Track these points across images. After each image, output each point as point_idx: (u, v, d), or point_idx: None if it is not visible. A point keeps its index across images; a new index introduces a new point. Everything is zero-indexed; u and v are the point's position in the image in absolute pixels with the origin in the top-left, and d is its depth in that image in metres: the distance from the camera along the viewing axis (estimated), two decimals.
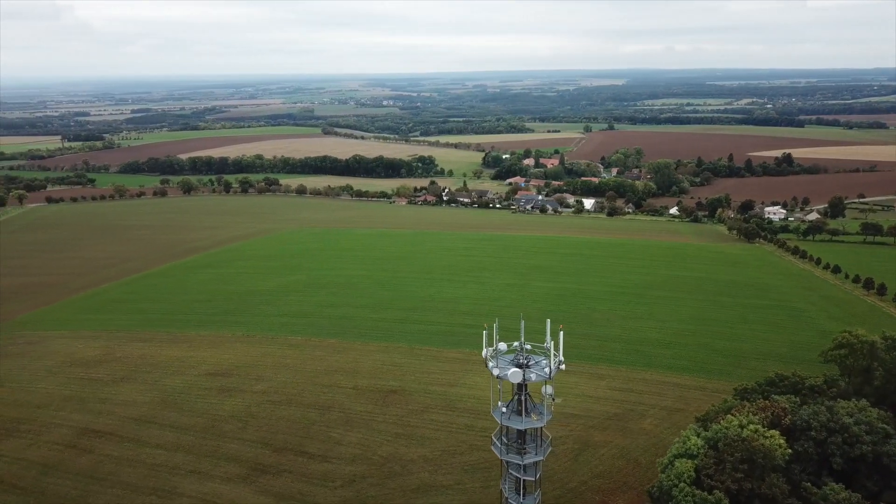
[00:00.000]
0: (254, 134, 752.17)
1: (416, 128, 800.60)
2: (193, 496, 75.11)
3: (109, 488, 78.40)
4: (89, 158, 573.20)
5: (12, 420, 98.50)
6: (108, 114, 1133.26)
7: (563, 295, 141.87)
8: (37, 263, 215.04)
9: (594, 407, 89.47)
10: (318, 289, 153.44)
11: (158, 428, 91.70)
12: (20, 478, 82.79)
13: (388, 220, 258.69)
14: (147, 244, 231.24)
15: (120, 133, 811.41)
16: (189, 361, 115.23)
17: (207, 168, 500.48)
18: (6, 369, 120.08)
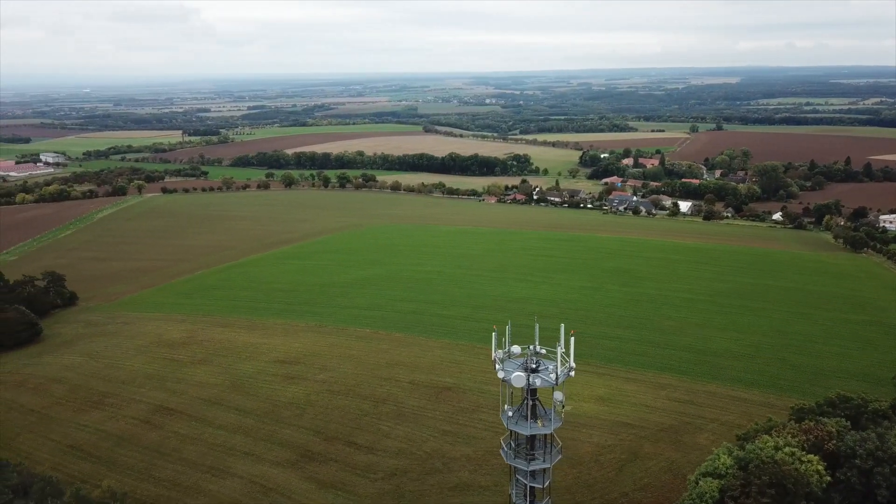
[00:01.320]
0: (357, 131, 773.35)
1: (515, 126, 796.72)
2: (244, 477, 78.66)
3: (171, 463, 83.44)
4: (205, 152, 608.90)
5: (100, 393, 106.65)
6: (227, 110, 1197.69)
7: (638, 300, 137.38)
8: (146, 249, 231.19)
9: (649, 417, 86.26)
10: (393, 283, 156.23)
11: (223, 410, 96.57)
12: (97, 447, 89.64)
13: (473, 218, 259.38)
14: (244, 234, 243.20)
15: (235, 128, 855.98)
16: (262, 348, 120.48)
17: (311, 163, 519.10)
18: (102, 346, 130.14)
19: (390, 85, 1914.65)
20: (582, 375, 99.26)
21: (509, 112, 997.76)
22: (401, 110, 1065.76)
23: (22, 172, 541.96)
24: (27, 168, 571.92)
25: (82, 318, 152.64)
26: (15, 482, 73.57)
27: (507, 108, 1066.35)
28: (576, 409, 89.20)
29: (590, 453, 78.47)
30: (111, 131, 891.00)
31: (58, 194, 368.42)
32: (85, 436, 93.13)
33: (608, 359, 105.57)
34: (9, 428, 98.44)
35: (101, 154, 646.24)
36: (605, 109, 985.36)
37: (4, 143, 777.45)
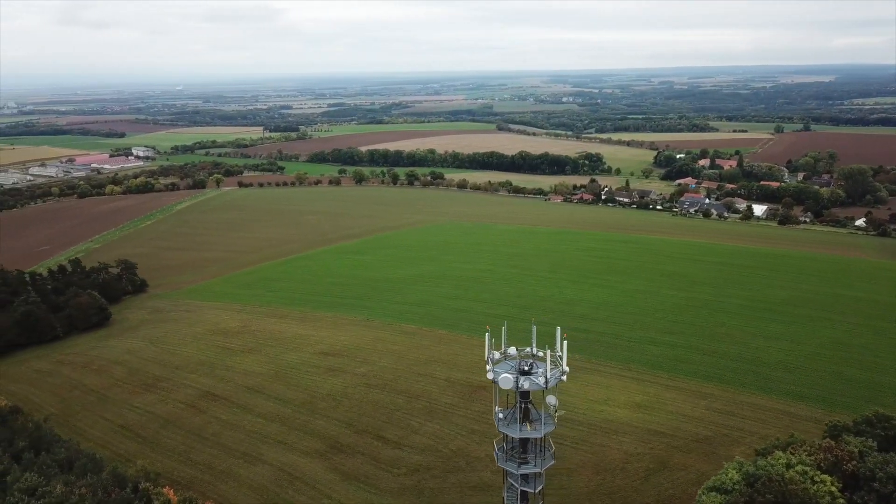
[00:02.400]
0: (431, 129, 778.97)
1: (591, 125, 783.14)
2: (273, 465, 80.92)
3: (208, 448, 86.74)
4: (283, 148, 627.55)
5: (154, 377, 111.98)
6: (308, 108, 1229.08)
7: (693, 306, 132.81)
8: (217, 240, 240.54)
9: (684, 426, 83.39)
10: (444, 280, 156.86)
11: (264, 398, 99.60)
12: (144, 428, 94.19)
13: (535, 217, 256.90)
14: (311, 228, 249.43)
15: (314, 125, 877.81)
16: (309, 339, 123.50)
17: (384, 160, 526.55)
18: (163, 332, 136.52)
19: (467, 83, 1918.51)
20: (621, 381, 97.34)
21: (586, 110, 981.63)
22: (476, 108, 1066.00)
23: (114, 165, 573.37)
24: (119, 161, 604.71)
25: (149, 304, 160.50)
26: (62, 457, 78.19)
27: (583, 107, 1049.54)
28: (609, 414, 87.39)
29: (617, 460, 76.66)
30: (199, 127, 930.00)
31: (143, 186, 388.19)
32: (135, 417, 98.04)
33: (651, 364, 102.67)
34: (70, 405, 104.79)
35: (187, 149, 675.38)
36: (686, 109, 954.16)
37: (102, 137, 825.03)
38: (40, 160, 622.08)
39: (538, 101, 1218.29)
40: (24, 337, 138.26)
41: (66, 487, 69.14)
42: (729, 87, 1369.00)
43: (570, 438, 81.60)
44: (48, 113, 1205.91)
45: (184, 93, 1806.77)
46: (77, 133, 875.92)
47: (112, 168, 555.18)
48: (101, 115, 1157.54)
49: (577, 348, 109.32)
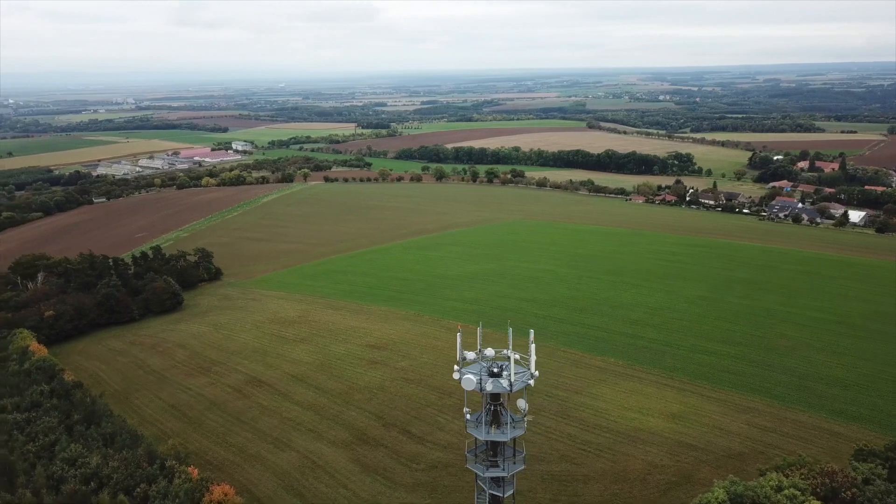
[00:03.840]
0: (520, 126, 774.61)
1: (687, 124, 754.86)
2: (300, 451, 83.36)
3: (245, 431, 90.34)
4: (372, 144, 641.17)
5: (210, 361, 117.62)
6: (402, 105, 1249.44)
7: (756, 315, 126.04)
8: (295, 233, 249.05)
9: (718, 441, 79.50)
10: (501, 279, 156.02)
11: (305, 387, 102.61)
12: (191, 409, 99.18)
13: (610, 218, 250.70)
14: (385, 223, 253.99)
15: (405, 122, 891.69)
16: (359, 332, 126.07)
17: (468, 158, 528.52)
18: (228, 318, 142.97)
19: (561, 80, 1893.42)
20: (660, 389, 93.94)
21: (682, 109, 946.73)
22: (568, 106, 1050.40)
23: (215, 159, 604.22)
24: (219, 155, 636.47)
25: (221, 291, 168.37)
26: (107, 432, 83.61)
27: (680, 105, 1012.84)
28: (640, 423, 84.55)
29: (639, 471, 74.10)
30: (296, 122, 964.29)
31: (235, 179, 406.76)
32: (185, 398, 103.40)
33: (695, 374, 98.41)
34: (132, 384, 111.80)
35: (282, 144, 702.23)
36: (791, 108, 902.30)
37: (207, 132, 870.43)
38: (149, 153, 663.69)
39: (633, 99, 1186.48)
40: (104, 317, 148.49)
41: (102, 460, 73.87)
42: (841, 85, 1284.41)
43: (594, 445, 79.61)
44: (162, 108, 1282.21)
45: (285, 89, 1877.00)
46: (185, 128, 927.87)
47: (212, 161, 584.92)
48: (209, 110, 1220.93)
49: (621, 354, 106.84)
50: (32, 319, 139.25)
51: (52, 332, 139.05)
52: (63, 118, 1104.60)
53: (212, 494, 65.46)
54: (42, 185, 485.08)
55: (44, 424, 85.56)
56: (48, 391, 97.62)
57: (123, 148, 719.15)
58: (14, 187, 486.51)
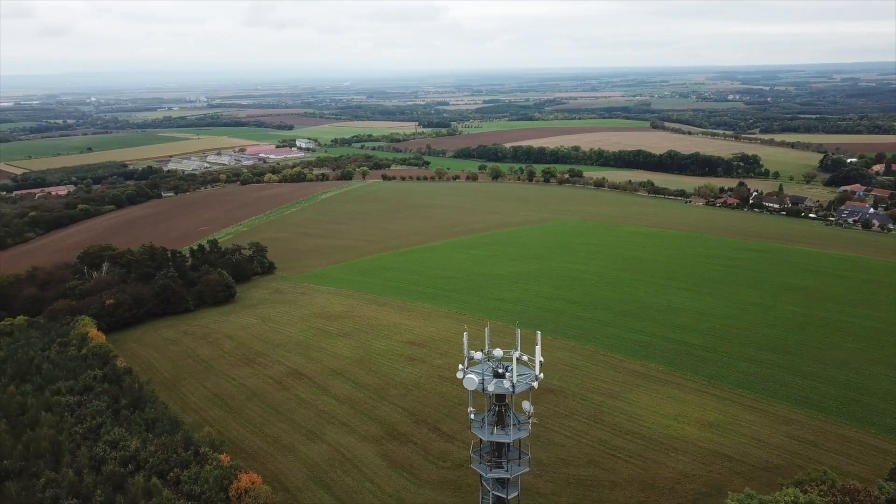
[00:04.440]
0: (581, 125, 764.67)
1: (756, 124, 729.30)
2: (330, 444, 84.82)
3: (281, 422, 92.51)
4: (432, 143, 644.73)
5: (255, 352, 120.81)
6: (464, 104, 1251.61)
7: (810, 324, 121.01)
8: (349, 229, 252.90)
9: (755, 452, 76.79)
10: (547, 280, 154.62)
11: (343, 381, 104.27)
12: (233, 398, 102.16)
13: (667, 220, 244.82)
14: (437, 221, 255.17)
15: (466, 121, 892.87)
16: (400, 328, 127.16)
17: (527, 157, 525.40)
18: (276, 312, 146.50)
19: (626, 79, 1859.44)
20: (699, 397, 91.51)
21: (752, 109, 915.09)
22: (632, 106, 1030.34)
23: (279, 156, 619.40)
24: (283, 152, 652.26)
25: (272, 285, 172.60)
26: (150, 417, 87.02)
27: (750, 105, 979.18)
28: (675, 431, 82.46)
29: (668, 479, 72.36)
30: (359, 121, 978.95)
31: (296, 176, 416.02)
32: (229, 387, 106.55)
33: (738, 383, 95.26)
34: (181, 372, 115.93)
35: (345, 142, 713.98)
36: (870, 108, 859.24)
37: (273, 129, 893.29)
38: (217, 149, 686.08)
39: (700, 99, 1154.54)
40: (160, 307, 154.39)
41: (142, 444, 76.96)
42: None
43: (624, 451, 78.14)
44: (231, 107, 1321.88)
45: (350, 88, 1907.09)
46: (253, 125, 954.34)
47: (276, 158, 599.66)
48: (276, 108, 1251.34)
49: (662, 359, 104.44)
50: (95, 307, 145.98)
51: (112, 319, 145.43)
52: (140, 115, 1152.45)
53: (239, 482, 67.41)
54: (117, 180, 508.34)
55: (93, 407, 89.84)
56: (101, 376, 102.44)
57: (194, 144, 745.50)
58: (92, 181, 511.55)
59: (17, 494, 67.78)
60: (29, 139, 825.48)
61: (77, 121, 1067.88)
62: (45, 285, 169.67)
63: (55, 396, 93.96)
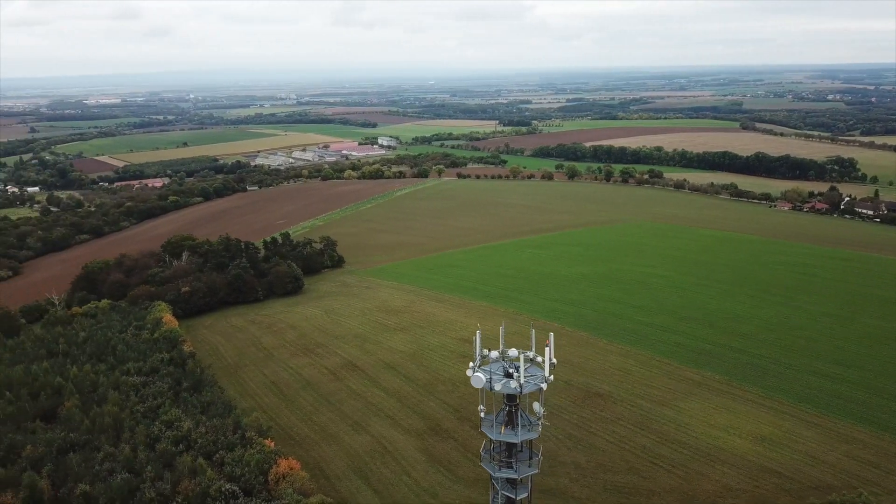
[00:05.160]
0: (666, 125, 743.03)
1: (856, 126, 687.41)
2: (373, 436, 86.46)
3: (330, 412, 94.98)
4: (510, 142, 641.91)
5: (316, 343, 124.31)
6: (547, 103, 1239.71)
7: (893, 338, 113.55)
8: (419, 226, 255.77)
9: (808, 470, 73.01)
10: (610, 282, 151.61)
11: (394, 374, 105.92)
12: (288, 386, 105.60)
13: (746, 224, 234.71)
14: (505, 220, 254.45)
15: (547, 120, 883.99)
16: (456, 325, 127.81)
17: (607, 157, 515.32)
18: (340, 304, 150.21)
19: (718, 78, 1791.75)
20: (754, 409, 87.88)
21: (853, 110, 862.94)
22: (723, 105, 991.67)
23: (360, 153, 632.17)
24: (365, 149, 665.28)
25: (340, 278, 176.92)
26: (206, 400, 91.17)
27: (851, 106, 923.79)
28: (724, 442, 79.44)
29: (710, 492, 69.87)
30: (441, 119, 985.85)
31: (374, 173, 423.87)
32: (285, 376, 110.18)
33: (799, 396, 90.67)
34: (244, 358, 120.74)
35: (425, 140, 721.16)
36: None
37: (358, 127, 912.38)
38: (303, 146, 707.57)
39: (797, 99, 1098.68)
40: (232, 296, 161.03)
41: (194, 425, 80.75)
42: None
43: (667, 460, 75.93)
44: (319, 104, 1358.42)
45: (435, 87, 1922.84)
46: (338, 122, 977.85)
47: (358, 155, 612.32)
48: (361, 106, 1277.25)
49: (721, 368, 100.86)
50: (171, 294, 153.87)
51: (187, 306, 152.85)
52: (233, 112, 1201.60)
53: (278, 467, 69.73)
54: (207, 173, 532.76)
55: (155, 388, 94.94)
56: (167, 359, 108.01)
57: (281, 140, 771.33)
58: (185, 174, 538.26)
59: (78, 465, 72.53)
60: (132, 134, 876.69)
61: (176, 117, 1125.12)
62: (131, 272, 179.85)
63: (124, 376, 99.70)
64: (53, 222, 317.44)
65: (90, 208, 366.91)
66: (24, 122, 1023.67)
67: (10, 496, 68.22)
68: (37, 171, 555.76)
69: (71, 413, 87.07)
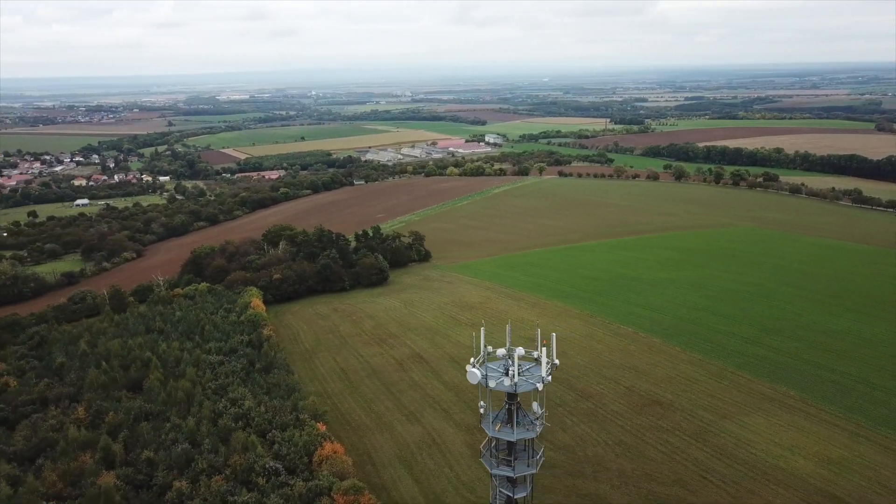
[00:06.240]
0: (790, 126, 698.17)
1: None
2: (425, 427, 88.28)
3: (388, 401, 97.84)
4: (620, 140, 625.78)
5: (389, 334, 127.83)
6: (664, 101, 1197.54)
7: None
8: (511, 224, 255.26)
9: (876, 499, 67.66)
10: (695, 288, 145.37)
11: (456, 368, 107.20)
12: (355, 374, 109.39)
13: (863, 233, 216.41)
14: (599, 220, 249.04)
15: (661, 119, 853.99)
16: (526, 324, 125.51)
17: (721, 158, 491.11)
18: (420, 297, 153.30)
19: (856, 76, 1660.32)
20: (826, 429, 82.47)
21: None
22: (858, 105, 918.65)
23: (466, 150, 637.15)
24: (471, 146, 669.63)
25: (423, 272, 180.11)
26: (272, 382, 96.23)
27: None
28: (785, 462, 74.95)
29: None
30: (551, 117, 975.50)
31: (475, 170, 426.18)
32: (355, 363, 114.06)
33: (882, 419, 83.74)
34: (320, 344, 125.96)
35: (532, 137, 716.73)
36: None
37: (467, 124, 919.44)
38: (412, 142, 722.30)
39: None
40: (320, 285, 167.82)
41: (255, 404, 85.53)
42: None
43: (718, 475, 72.60)
44: (433, 101, 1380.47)
45: (549, 84, 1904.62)
46: (449, 120, 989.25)
47: (464, 152, 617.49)
48: (473, 104, 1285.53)
49: (798, 384, 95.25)
50: (264, 280, 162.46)
51: (277, 292, 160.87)
52: (350, 108, 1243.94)
53: (322, 450, 72.70)
54: (320, 167, 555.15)
55: (230, 367, 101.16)
56: (246, 341, 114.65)
57: (392, 137, 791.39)
58: (300, 167, 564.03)
59: (148, 433, 78.77)
60: (256, 128, 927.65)
61: (297, 112, 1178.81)
62: (232, 257, 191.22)
63: (205, 354, 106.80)
64: (176, 210, 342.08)
65: (210, 197, 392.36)
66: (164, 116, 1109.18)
67: (88, 456, 75.16)
68: (169, 162, 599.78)
69: (153, 385, 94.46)
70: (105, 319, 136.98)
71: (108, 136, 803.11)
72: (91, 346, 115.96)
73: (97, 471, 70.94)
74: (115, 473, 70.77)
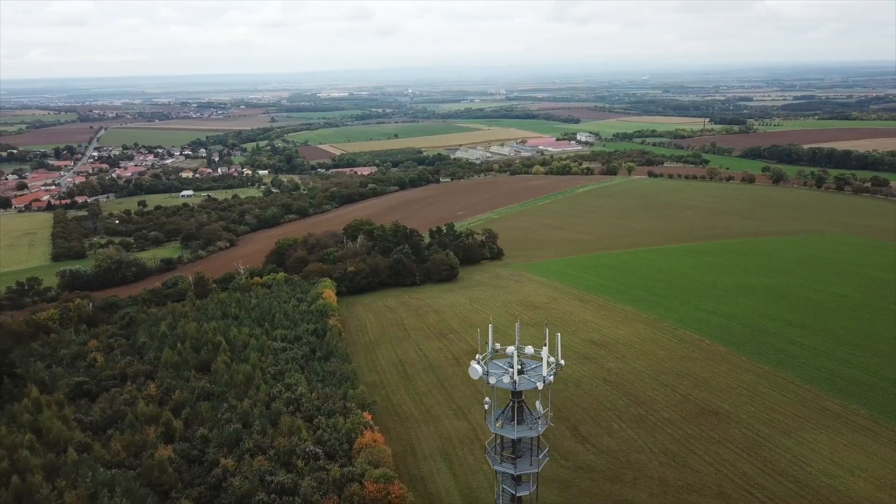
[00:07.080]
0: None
1: None
2: (470, 423, 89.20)
3: (439, 395, 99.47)
4: (718, 141, 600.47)
5: (451, 329, 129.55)
6: (770, 100, 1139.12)
7: None
8: (589, 224, 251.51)
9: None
10: (773, 296, 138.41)
11: None
12: (412, 366, 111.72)
13: None
14: (681, 223, 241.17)
15: (766, 119, 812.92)
16: (590, 326, 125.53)
17: (827, 160, 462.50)
18: (486, 294, 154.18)
19: None
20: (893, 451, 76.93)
21: None
22: None
23: (556, 149, 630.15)
24: (562, 145, 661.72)
25: (494, 270, 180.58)
26: (329, 370, 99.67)
27: None
28: (842, 483, 70.90)
29: None
30: (648, 116, 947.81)
31: (562, 169, 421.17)
32: (414, 356, 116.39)
33: None
34: (384, 335, 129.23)
35: (626, 136, 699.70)
36: None
37: (560, 122, 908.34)
38: (501, 140, 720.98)
39: None
40: (392, 279, 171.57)
41: (308, 390, 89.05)
42: None
43: (766, 492, 69.51)
44: (527, 100, 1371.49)
45: (648, 82, 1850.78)
46: (541, 118, 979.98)
47: (554, 151, 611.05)
48: (568, 102, 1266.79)
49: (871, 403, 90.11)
50: (338, 272, 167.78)
51: (351, 284, 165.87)
52: (445, 106, 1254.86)
53: (363, 437, 74.94)
54: (410, 164, 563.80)
55: (291, 354, 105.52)
56: (311, 330, 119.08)
57: (482, 135, 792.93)
58: (391, 164, 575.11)
59: (205, 412, 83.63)
60: (352, 125, 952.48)
61: (394, 110, 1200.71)
62: (312, 249, 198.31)
63: (270, 341, 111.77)
64: (269, 202, 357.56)
65: (302, 191, 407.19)
66: (267, 112, 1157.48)
67: (152, 430, 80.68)
68: (268, 156, 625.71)
69: (219, 367, 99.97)
70: (188, 304, 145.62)
71: (215, 131, 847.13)
72: (171, 328, 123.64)
73: (157, 444, 76.03)
74: (172, 448, 75.63)
